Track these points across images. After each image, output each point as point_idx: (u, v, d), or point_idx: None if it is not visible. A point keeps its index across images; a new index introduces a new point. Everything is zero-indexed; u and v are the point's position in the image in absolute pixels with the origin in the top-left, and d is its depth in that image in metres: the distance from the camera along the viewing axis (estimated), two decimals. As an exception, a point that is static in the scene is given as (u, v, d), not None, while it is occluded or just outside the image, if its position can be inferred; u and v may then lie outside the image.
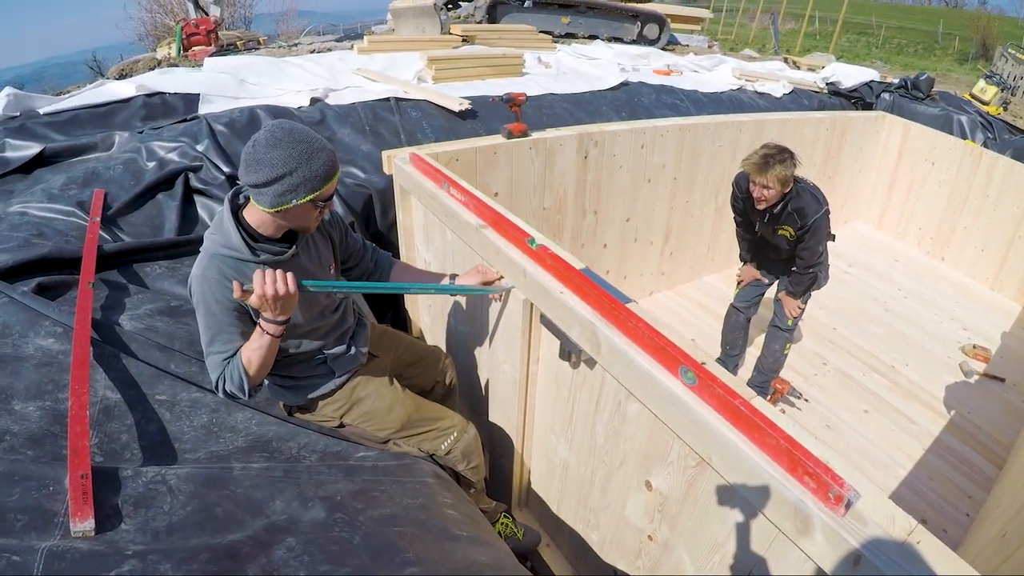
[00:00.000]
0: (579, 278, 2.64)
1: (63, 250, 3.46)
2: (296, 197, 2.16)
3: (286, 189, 2.13)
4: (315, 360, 2.71)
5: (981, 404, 5.53)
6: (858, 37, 38.92)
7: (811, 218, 4.25)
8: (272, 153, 2.10)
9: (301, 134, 2.16)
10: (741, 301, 5.23)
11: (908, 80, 9.42)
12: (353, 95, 5.95)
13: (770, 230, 4.57)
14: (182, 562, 1.74)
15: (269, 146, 2.10)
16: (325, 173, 2.20)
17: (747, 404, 1.98)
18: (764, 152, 4.14)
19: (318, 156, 2.17)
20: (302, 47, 9.13)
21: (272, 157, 2.09)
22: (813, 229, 4.29)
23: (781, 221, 4.42)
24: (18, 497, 1.86)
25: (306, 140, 2.16)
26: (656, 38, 12.16)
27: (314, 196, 2.20)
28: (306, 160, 2.13)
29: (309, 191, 2.18)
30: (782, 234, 4.50)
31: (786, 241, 4.53)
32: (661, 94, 7.70)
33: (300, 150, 2.12)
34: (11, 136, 4.56)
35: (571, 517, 3.40)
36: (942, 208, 7.88)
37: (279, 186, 2.12)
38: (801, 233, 4.35)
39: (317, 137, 2.21)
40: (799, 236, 4.39)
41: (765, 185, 4.15)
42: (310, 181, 2.16)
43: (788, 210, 4.33)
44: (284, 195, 2.14)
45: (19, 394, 2.46)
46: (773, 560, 2.02)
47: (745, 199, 4.57)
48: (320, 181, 2.19)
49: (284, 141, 2.11)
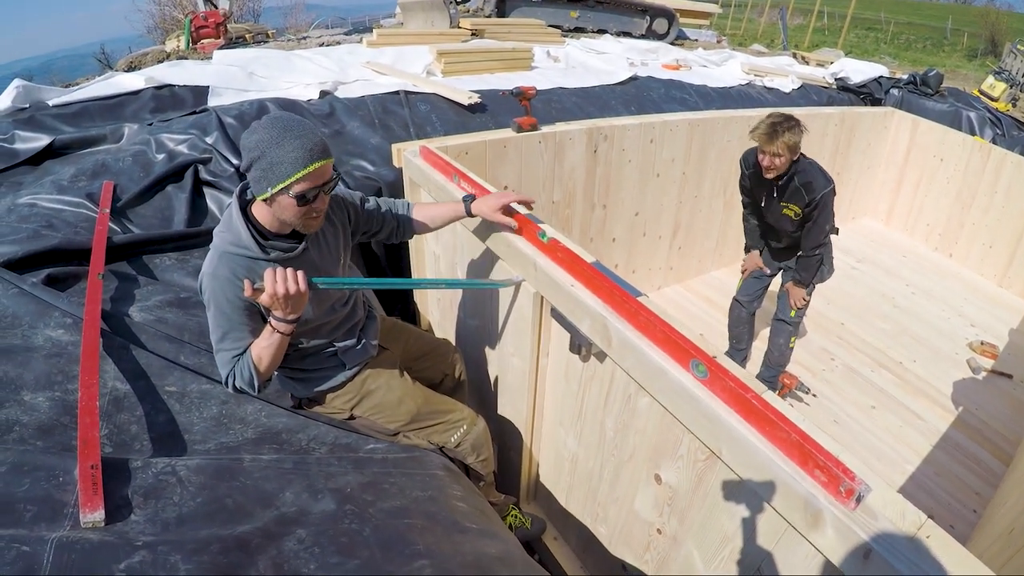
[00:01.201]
0: (590, 271, 2.63)
1: (72, 241, 3.46)
2: (269, 184, 2.10)
3: (259, 175, 2.11)
4: (325, 353, 2.71)
5: (988, 400, 5.51)
6: (867, 33, 38.79)
7: (819, 193, 4.22)
8: (250, 137, 2.10)
9: (281, 120, 2.13)
10: (744, 295, 5.23)
11: (917, 76, 9.38)
12: (362, 88, 5.95)
13: (776, 209, 4.54)
14: (192, 553, 1.74)
15: (250, 131, 2.12)
16: (296, 159, 2.09)
17: (758, 398, 1.97)
18: (771, 121, 4.10)
19: (290, 141, 2.08)
20: (311, 40, 9.13)
21: (249, 141, 2.10)
22: (821, 205, 4.26)
23: (787, 197, 4.40)
24: (28, 488, 1.86)
25: (282, 126, 2.10)
26: (665, 33, 12.13)
27: (284, 184, 2.11)
28: (275, 143, 2.07)
29: (281, 177, 2.10)
30: (787, 213, 4.46)
31: (790, 222, 4.49)
32: (670, 89, 7.68)
33: (272, 134, 2.08)
34: (21, 128, 4.57)
35: (579, 510, 3.40)
36: (950, 204, 7.85)
37: (255, 171, 2.11)
38: (808, 210, 4.32)
39: (300, 125, 2.14)
40: (806, 214, 4.35)
41: (776, 153, 4.11)
42: (279, 166, 2.08)
43: (795, 184, 4.30)
44: (259, 181, 2.12)
45: (29, 385, 2.46)
46: (782, 554, 2.02)
47: (752, 174, 4.56)
48: (290, 167, 2.09)
49: (262, 126, 2.11)
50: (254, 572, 1.78)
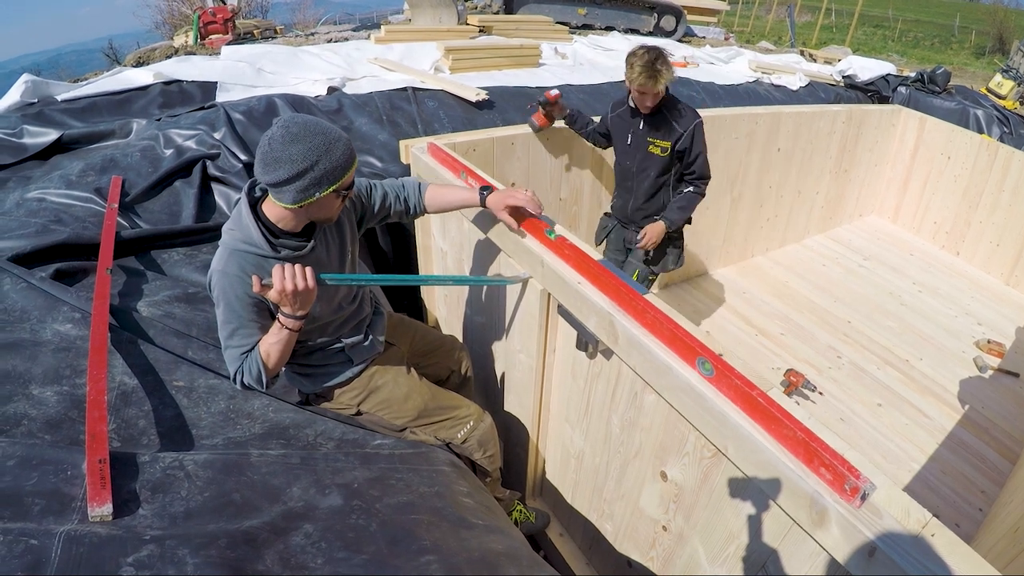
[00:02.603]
0: (597, 268, 2.64)
1: (81, 236, 3.48)
2: (319, 190, 2.14)
3: (309, 184, 2.10)
4: (333, 349, 2.71)
5: (995, 399, 5.50)
6: (874, 30, 38.61)
7: (693, 121, 4.01)
8: (290, 149, 2.06)
9: (316, 126, 2.13)
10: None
11: (924, 74, 9.37)
12: (370, 84, 5.97)
13: (641, 146, 4.22)
14: (200, 547, 1.75)
15: (286, 142, 2.06)
16: (345, 163, 2.17)
17: (764, 396, 1.98)
18: (648, 59, 3.75)
19: (336, 146, 2.13)
20: (319, 36, 9.15)
21: (291, 153, 2.05)
22: (696, 134, 4.04)
23: (655, 130, 4.11)
24: (36, 481, 1.87)
25: (322, 132, 2.12)
26: (672, 30, 12.14)
27: (337, 186, 2.18)
28: (326, 152, 2.10)
29: (332, 182, 2.15)
30: (653, 151, 4.16)
31: (657, 162, 4.18)
32: (677, 86, 7.65)
33: (319, 142, 2.09)
34: (29, 123, 4.58)
35: (585, 507, 3.41)
36: (957, 202, 7.83)
37: (301, 182, 2.09)
38: (682, 144, 4.06)
39: (332, 127, 2.18)
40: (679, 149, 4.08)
41: (658, 93, 3.89)
42: (332, 173, 2.13)
43: (663, 116, 4.05)
44: (307, 190, 2.12)
45: (37, 379, 2.48)
46: (787, 551, 2.02)
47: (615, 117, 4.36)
48: (341, 171, 2.16)
49: (301, 136, 2.08)
50: (261, 567, 1.78)
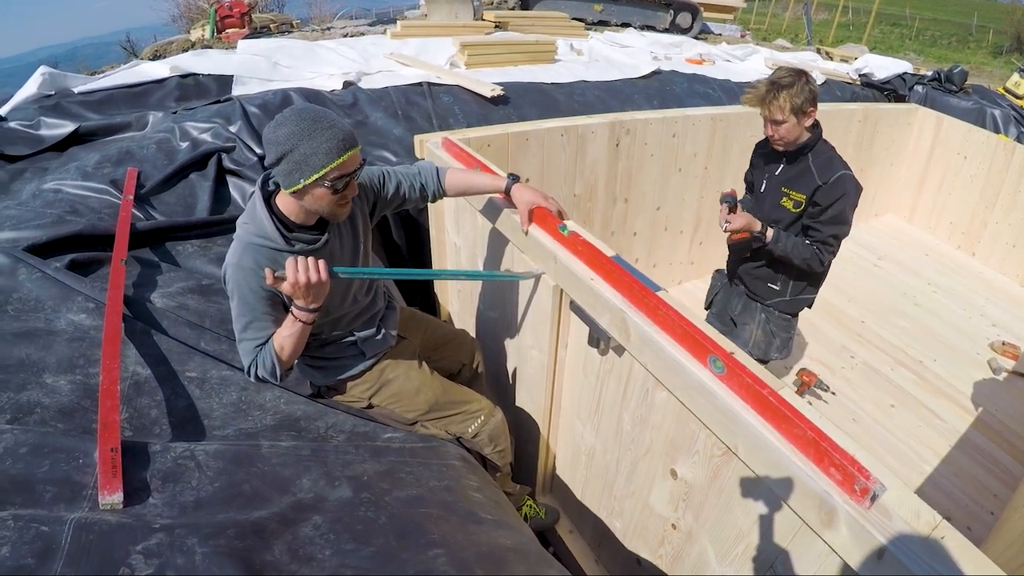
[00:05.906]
0: (610, 265, 2.63)
1: (96, 227, 3.50)
2: (302, 176, 2.12)
3: (291, 168, 2.11)
4: (345, 342, 2.73)
5: (1009, 401, 5.46)
6: (891, 28, 38.44)
7: (837, 172, 3.33)
8: (278, 132, 2.09)
9: (308, 112, 2.14)
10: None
11: (941, 73, 9.29)
12: (386, 79, 5.98)
13: (773, 195, 3.62)
14: (209, 537, 1.76)
15: (276, 126, 2.11)
16: (329, 150, 2.12)
17: (775, 394, 1.97)
18: (770, 79, 3.32)
19: (321, 132, 2.11)
20: (335, 31, 9.15)
21: (278, 135, 2.09)
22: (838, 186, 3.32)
23: (792, 180, 3.50)
24: (48, 469, 1.88)
25: (311, 118, 2.12)
26: (689, 27, 12.09)
27: (319, 175, 2.14)
28: (307, 136, 2.09)
29: (314, 169, 2.12)
30: (784, 204, 3.53)
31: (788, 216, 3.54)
32: (693, 83, 7.65)
33: (302, 127, 2.09)
34: (46, 114, 4.62)
35: (595, 504, 3.41)
36: (974, 202, 7.77)
37: (285, 164, 2.11)
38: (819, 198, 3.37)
39: (327, 116, 2.17)
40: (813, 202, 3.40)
41: (775, 120, 3.32)
42: (311, 158, 2.10)
43: (805, 163, 3.45)
44: (291, 174, 2.13)
45: (50, 367, 2.49)
46: (797, 551, 2.01)
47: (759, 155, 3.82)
48: (324, 157, 2.12)
49: (289, 120, 2.10)
50: (270, 557, 1.79)
